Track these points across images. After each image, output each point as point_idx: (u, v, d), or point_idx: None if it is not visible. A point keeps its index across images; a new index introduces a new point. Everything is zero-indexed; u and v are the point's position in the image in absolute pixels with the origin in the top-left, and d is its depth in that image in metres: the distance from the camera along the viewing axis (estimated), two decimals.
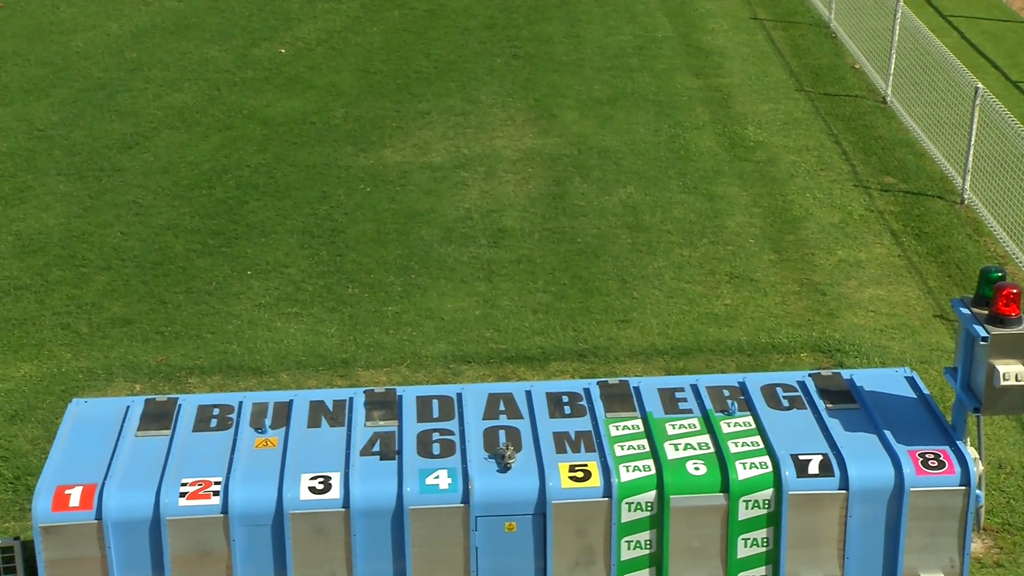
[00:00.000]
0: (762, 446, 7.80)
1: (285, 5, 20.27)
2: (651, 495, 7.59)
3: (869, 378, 8.44)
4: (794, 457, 7.72)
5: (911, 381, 8.42)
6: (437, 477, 7.59)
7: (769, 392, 8.28)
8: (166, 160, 15.29)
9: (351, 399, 8.24)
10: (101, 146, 15.68)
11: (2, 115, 16.54)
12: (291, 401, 8.25)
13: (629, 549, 7.60)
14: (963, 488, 7.60)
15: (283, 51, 18.51)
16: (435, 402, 8.24)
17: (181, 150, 15.55)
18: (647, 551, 7.61)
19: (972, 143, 13.71)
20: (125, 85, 17.41)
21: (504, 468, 7.58)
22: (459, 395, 8.29)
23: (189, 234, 13.64)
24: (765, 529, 7.60)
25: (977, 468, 7.72)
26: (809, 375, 8.45)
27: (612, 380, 8.28)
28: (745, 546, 7.64)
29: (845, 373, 8.46)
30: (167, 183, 14.74)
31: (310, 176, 14.85)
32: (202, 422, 8.08)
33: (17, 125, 16.28)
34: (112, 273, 12.91)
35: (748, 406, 8.18)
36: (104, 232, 13.71)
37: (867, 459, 7.70)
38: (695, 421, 8.05)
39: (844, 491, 7.60)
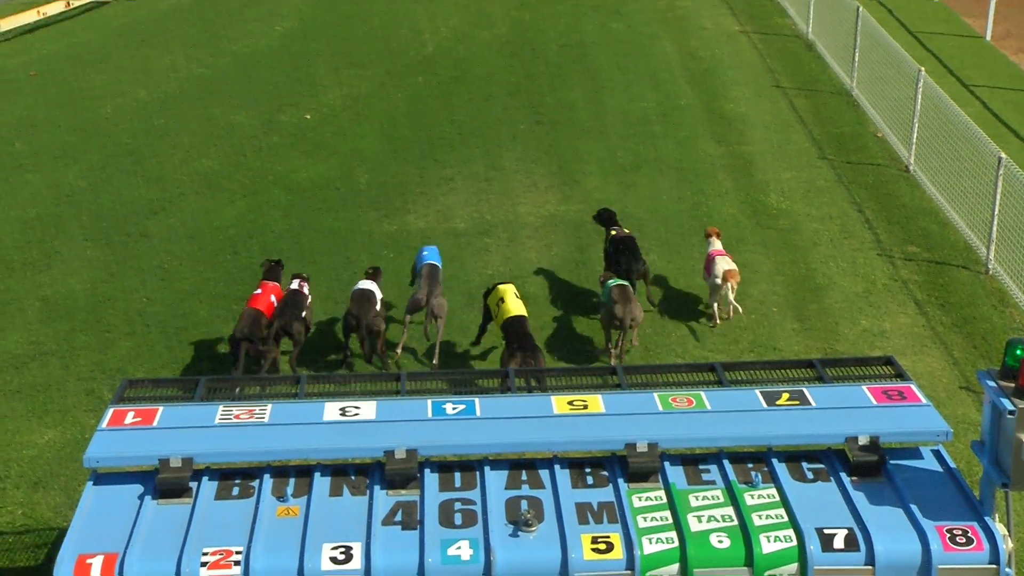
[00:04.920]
0: (787, 519, 7.72)
1: (311, 71, 20.48)
2: (674, 568, 7.51)
3: (895, 451, 8.36)
4: (819, 531, 7.63)
5: (937, 454, 8.33)
6: (459, 547, 7.53)
7: (793, 464, 8.20)
8: (192, 225, 15.39)
9: (373, 467, 8.20)
10: (128, 211, 15.80)
11: (32, 181, 16.70)
12: (314, 468, 8.21)
13: None
14: (992, 566, 7.48)
15: (308, 117, 18.67)
16: (457, 472, 8.19)
17: (207, 215, 15.64)
18: None
19: (996, 212, 13.66)
20: (153, 151, 17.57)
21: (526, 526, 7.53)
22: (481, 464, 8.25)
23: (213, 299, 13.69)
24: None
25: (1006, 545, 7.61)
26: (834, 447, 8.37)
27: (637, 442, 8.16)
28: None
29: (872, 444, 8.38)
30: (193, 248, 14.82)
31: (334, 241, 14.92)
32: (224, 490, 8.06)
33: (47, 191, 16.43)
34: (137, 339, 12.95)
35: (772, 478, 8.10)
36: (129, 297, 13.78)
37: (894, 534, 7.59)
38: (719, 492, 7.98)
39: (870, 567, 7.50)
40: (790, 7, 22.79)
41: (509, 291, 12.03)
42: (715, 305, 12.90)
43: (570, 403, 8.44)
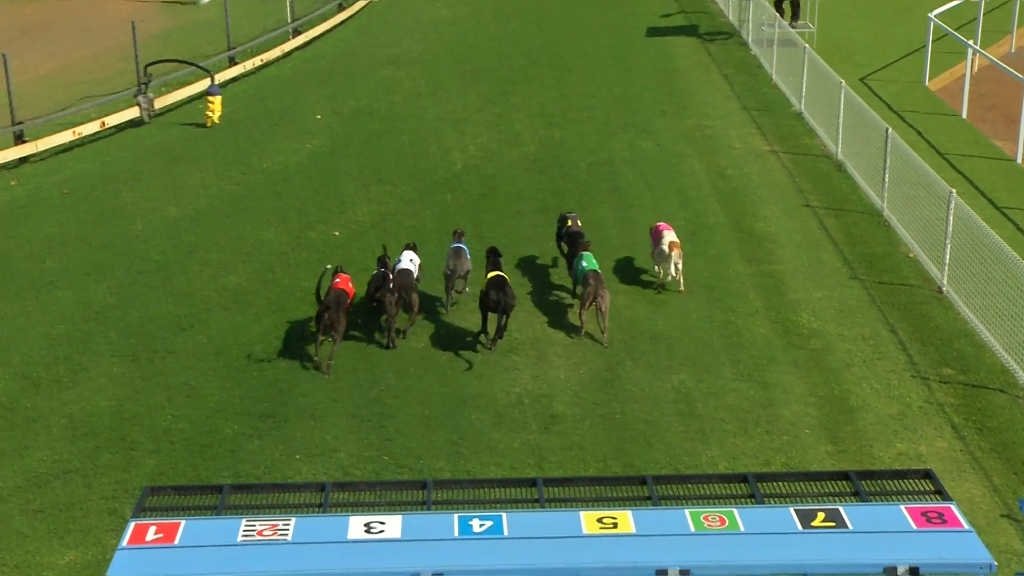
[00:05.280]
0: None
1: (340, 188, 20.62)
2: None
3: None
4: None
5: None
6: None
7: None
8: (219, 342, 15.37)
9: None
10: (156, 328, 15.81)
11: (62, 297, 16.77)
12: None
13: None
14: None
15: (337, 233, 18.74)
16: None
17: (234, 331, 15.63)
18: None
19: None
20: (181, 267, 17.65)
21: None
22: None
23: (239, 416, 13.60)
24: None
25: None
26: None
27: (669, 568, 7.92)
28: None
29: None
30: (219, 364, 14.78)
31: (361, 359, 14.85)
32: None
33: (75, 307, 16.47)
34: (161, 456, 12.84)
35: None
36: (155, 414, 13.70)
37: None
38: None
39: None
40: (819, 128, 22.89)
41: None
42: (660, 270, 16.47)
43: (599, 520, 8.23)
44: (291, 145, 23.02)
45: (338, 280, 15.29)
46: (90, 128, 23.71)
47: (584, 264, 15.63)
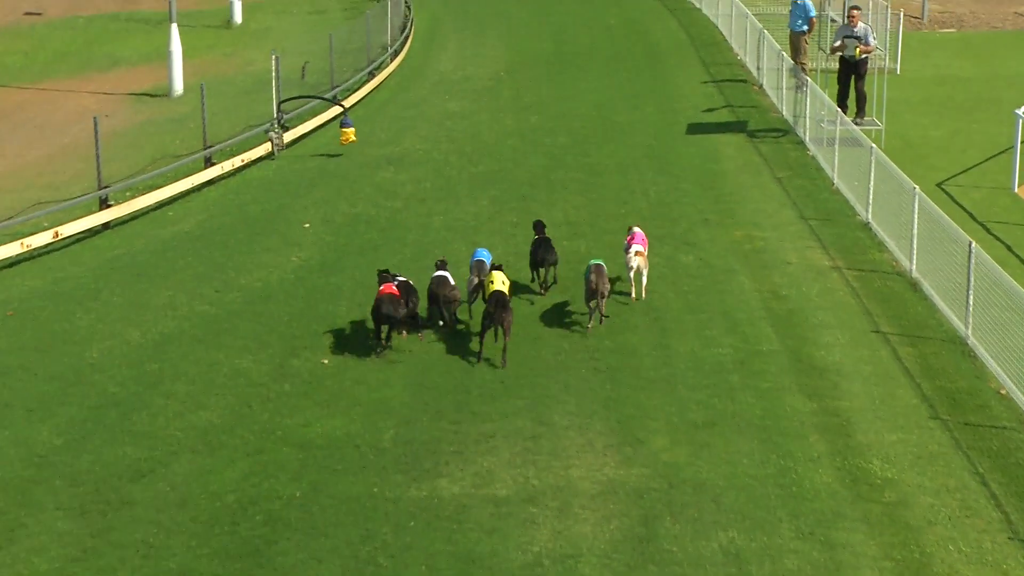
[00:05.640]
0: None
1: (331, 308, 20.61)
2: None
3: None
4: None
5: None
6: None
7: None
8: (184, 491, 15.22)
9: None
10: (109, 475, 15.67)
11: None
12: None
13: None
14: None
15: (326, 362, 18.69)
16: None
17: (202, 478, 15.49)
18: None
19: None
20: (142, 402, 17.57)
21: None
22: None
23: None
24: None
25: None
26: None
27: None
28: None
29: None
30: (184, 518, 14.61)
31: (352, 510, 14.70)
32: None
33: (15, 451, 16.36)
34: None
35: None
36: None
37: None
38: None
39: None
40: (889, 240, 22.88)
41: (498, 277, 19.09)
42: (631, 280, 20.60)
43: None
44: (274, 258, 23.07)
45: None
46: (41, 239, 23.84)
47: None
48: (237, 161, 29.02)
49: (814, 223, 24.49)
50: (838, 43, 29.98)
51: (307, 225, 24.85)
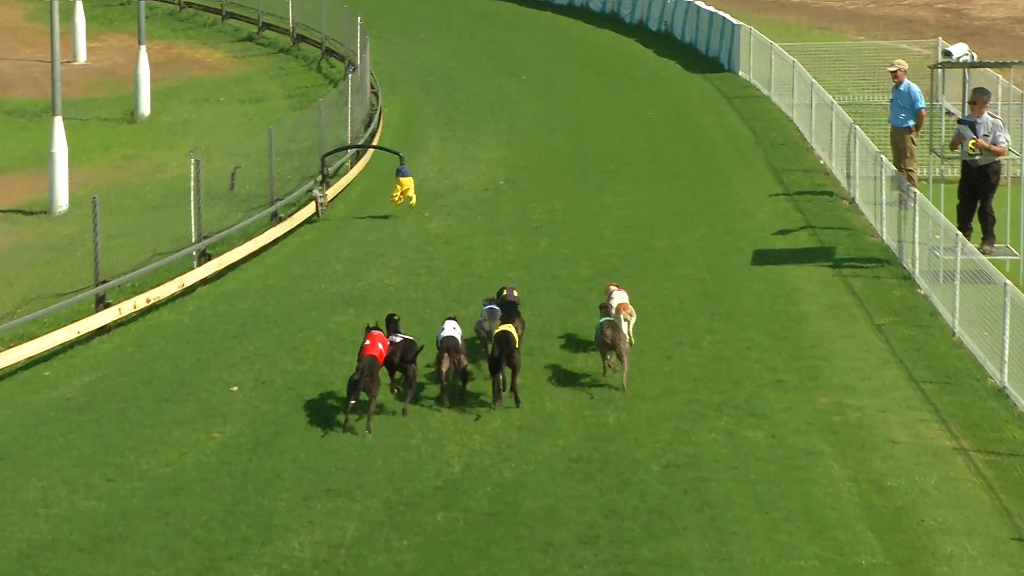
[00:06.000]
0: None
1: (266, 504, 20.47)
2: None
3: None
4: None
5: None
6: None
7: None
8: None
9: None
10: None
11: None
12: None
13: None
14: None
15: None
16: None
17: None
18: None
19: None
20: None
21: None
22: None
23: None
24: None
25: None
26: None
27: None
28: None
29: None
30: None
31: None
32: None
33: None
34: None
35: None
36: None
37: None
38: None
39: None
40: None
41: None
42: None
43: None
44: (189, 434, 22.98)
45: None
46: None
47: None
48: (141, 301, 28.98)
49: (928, 388, 24.42)
50: (956, 138, 29.79)
51: (235, 389, 24.80)
